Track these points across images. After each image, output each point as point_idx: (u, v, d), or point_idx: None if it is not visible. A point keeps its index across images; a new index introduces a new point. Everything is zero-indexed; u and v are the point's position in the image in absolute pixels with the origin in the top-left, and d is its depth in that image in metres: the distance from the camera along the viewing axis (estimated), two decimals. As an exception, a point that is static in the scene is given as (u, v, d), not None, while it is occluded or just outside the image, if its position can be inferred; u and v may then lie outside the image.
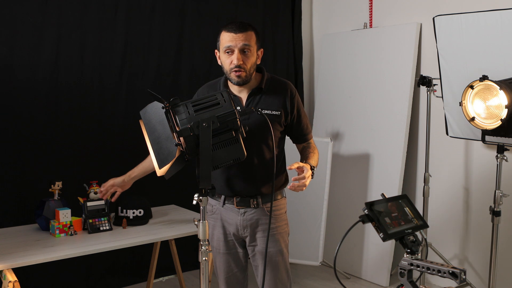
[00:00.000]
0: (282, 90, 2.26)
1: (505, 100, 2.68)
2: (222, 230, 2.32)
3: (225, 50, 2.16)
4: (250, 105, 2.22)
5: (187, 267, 3.93)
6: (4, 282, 2.32)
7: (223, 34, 2.17)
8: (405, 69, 3.91)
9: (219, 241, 2.34)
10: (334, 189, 4.18)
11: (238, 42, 2.13)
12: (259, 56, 2.24)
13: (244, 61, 2.14)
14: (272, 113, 2.21)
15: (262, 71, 2.29)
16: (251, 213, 2.26)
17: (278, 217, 2.31)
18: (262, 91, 2.24)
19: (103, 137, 3.67)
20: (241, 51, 2.14)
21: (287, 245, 2.36)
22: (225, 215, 2.31)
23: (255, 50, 2.19)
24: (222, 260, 2.35)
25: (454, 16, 3.24)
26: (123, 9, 3.71)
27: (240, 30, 2.13)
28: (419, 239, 1.64)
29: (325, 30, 4.71)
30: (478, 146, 3.62)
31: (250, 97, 2.24)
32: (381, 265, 3.95)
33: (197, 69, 4.10)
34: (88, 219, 2.83)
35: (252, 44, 2.16)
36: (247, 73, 2.16)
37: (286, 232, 2.36)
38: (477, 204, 3.69)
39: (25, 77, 3.37)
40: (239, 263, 2.35)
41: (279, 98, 2.24)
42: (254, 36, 2.18)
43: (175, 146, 1.82)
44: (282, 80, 2.32)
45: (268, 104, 2.23)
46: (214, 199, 2.33)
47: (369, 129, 4.10)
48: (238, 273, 2.36)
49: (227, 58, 2.16)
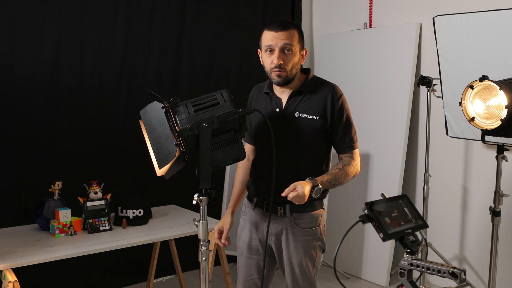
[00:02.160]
0: (324, 94, 2.13)
1: (505, 100, 2.68)
2: (249, 233, 2.25)
3: (266, 49, 2.09)
4: (289, 108, 2.12)
5: (187, 267, 3.93)
6: (4, 282, 2.32)
7: (264, 32, 2.10)
8: (405, 69, 3.91)
9: (244, 243, 2.27)
10: (334, 189, 4.17)
11: (279, 41, 2.04)
12: (304, 56, 2.15)
13: (285, 61, 2.06)
14: (309, 117, 2.10)
15: (307, 73, 2.20)
16: (277, 222, 2.16)
17: (307, 230, 2.16)
18: (304, 93, 2.13)
19: (103, 137, 3.67)
20: (281, 50, 2.05)
21: (314, 258, 2.19)
22: (254, 219, 2.24)
23: (298, 49, 2.10)
24: (244, 263, 2.28)
25: (454, 16, 3.24)
26: (123, 9, 3.71)
27: (281, 29, 2.05)
28: (419, 239, 1.64)
29: (325, 30, 4.71)
30: (478, 146, 3.62)
31: (290, 99, 2.14)
32: (381, 265, 3.95)
33: (197, 69, 4.10)
34: (88, 219, 2.83)
35: (294, 43, 2.07)
36: (287, 73, 2.07)
37: (315, 246, 2.19)
38: (477, 204, 3.69)
39: (25, 77, 3.37)
40: (259, 271, 2.24)
41: (320, 102, 2.12)
42: (296, 35, 2.09)
43: (175, 146, 1.82)
44: (327, 83, 2.20)
45: (306, 107, 2.11)
46: (249, 201, 2.27)
47: (369, 129, 4.10)
48: (257, 280, 2.26)
49: (268, 57, 2.09)
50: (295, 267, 2.17)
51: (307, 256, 2.17)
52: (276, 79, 2.08)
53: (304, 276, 2.18)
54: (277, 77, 2.07)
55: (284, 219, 2.15)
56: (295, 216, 2.15)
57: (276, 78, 2.08)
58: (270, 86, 2.19)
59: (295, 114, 2.11)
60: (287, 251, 2.17)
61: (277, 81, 2.09)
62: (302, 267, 2.17)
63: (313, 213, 2.18)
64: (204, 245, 1.94)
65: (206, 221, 1.94)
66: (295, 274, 2.18)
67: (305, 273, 2.18)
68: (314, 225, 2.18)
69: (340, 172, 2.12)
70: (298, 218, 2.15)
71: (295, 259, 2.17)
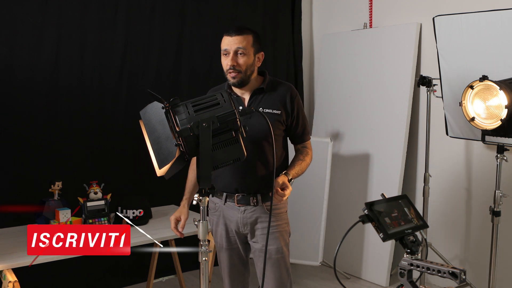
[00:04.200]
0: (283, 91, 2.34)
1: (505, 100, 2.68)
2: (224, 227, 2.40)
3: (223, 52, 2.28)
4: (252, 105, 2.30)
5: (187, 267, 3.93)
6: (4, 282, 2.32)
7: (223, 37, 2.29)
8: (405, 69, 3.91)
9: (222, 237, 2.42)
10: (334, 189, 4.18)
11: (233, 45, 2.24)
12: (260, 59, 2.33)
13: (238, 63, 2.23)
14: (273, 112, 2.29)
15: (264, 74, 2.38)
16: (251, 211, 2.32)
17: (278, 216, 2.35)
18: (264, 92, 2.32)
19: (103, 137, 3.67)
20: (235, 53, 2.24)
21: (288, 244, 2.39)
22: (226, 213, 2.37)
23: (252, 52, 2.26)
24: (225, 255, 2.44)
25: (454, 16, 3.24)
26: (123, 9, 3.71)
27: (235, 33, 2.24)
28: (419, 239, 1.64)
29: (325, 30, 4.71)
30: (478, 146, 3.62)
31: (252, 97, 2.32)
32: (381, 265, 3.95)
33: (197, 69, 4.10)
34: (88, 219, 2.83)
35: (247, 46, 2.24)
36: (242, 75, 2.25)
37: (287, 231, 2.40)
38: (477, 204, 3.69)
39: (25, 77, 3.37)
40: (240, 256, 2.44)
41: (280, 99, 2.32)
42: (250, 39, 2.26)
43: (175, 146, 1.82)
44: (283, 82, 2.41)
45: (269, 103, 2.30)
46: (216, 197, 2.39)
47: (369, 129, 4.10)
48: (240, 265, 2.45)
49: (224, 59, 2.29)
50: (273, 253, 2.33)
51: (282, 242, 2.35)
52: (232, 80, 2.27)
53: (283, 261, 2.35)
54: (232, 78, 2.26)
55: (257, 208, 2.32)
56: (267, 204, 2.31)
57: (231, 79, 2.27)
58: (230, 87, 2.36)
59: (259, 110, 2.26)
60: (262, 238, 2.32)
61: (232, 82, 2.28)
62: (281, 253, 2.34)
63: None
64: (204, 245, 1.94)
65: (206, 221, 1.94)
66: (272, 260, 2.33)
67: (284, 258, 2.35)
68: (283, 211, 2.38)
69: (303, 163, 2.36)
70: (269, 205, 2.30)
71: (273, 246, 2.32)
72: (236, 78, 2.25)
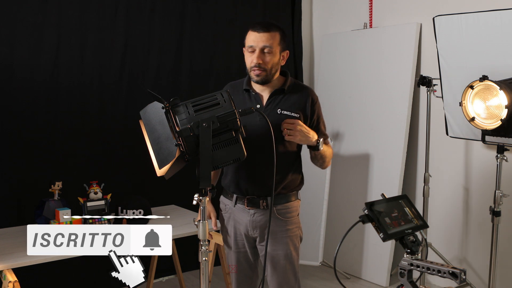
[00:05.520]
0: (304, 95, 2.29)
1: (505, 100, 2.68)
2: (233, 229, 2.36)
3: (247, 49, 2.22)
4: (271, 105, 2.25)
5: (187, 267, 3.93)
6: (4, 282, 2.32)
7: (248, 33, 2.22)
8: (405, 69, 3.91)
9: (230, 238, 2.39)
10: (334, 189, 4.18)
11: (259, 42, 2.17)
12: (285, 57, 2.27)
13: (264, 61, 2.18)
14: (291, 114, 2.23)
15: (286, 75, 2.33)
16: (261, 215, 2.27)
17: (289, 220, 2.30)
18: (284, 93, 2.27)
19: (103, 137, 3.67)
20: (261, 50, 2.17)
21: (297, 248, 2.34)
22: (236, 215, 2.34)
23: (278, 51, 2.21)
24: (233, 256, 2.41)
25: (454, 16, 3.24)
26: (123, 9, 3.71)
27: (263, 30, 2.17)
28: (419, 239, 1.64)
29: (325, 30, 4.71)
30: (478, 146, 3.62)
31: (271, 97, 2.27)
32: (381, 265, 3.95)
33: (197, 69, 4.10)
34: (88, 219, 2.83)
35: (274, 45, 2.18)
36: (267, 73, 2.20)
37: (297, 235, 2.35)
38: (477, 204, 3.69)
39: (25, 77, 3.36)
40: (248, 260, 2.39)
41: (300, 102, 2.27)
42: (278, 37, 2.20)
43: (175, 146, 1.82)
44: (305, 86, 2.37)
45: (288, 105, 2.25)
46: (227, 198, 2.37)
47: (369, 129, 4.10)
48: (248, 269, 2.41)
49: (249, 56, 2.22)
50: (281, 258, 2.28)
51: (292, 246, 2.30)
52: (255, 78, 2.22)
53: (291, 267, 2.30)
54: (256, 76, 2.21)
55: (267, 211, 2.25)
56: (277, 208, 2.27)
57: (255, 76, 2.21)
58: (249, 83, 2.31)
59: (277, 111, 2.23)
60: (272, 242, 2.27)
61: (256, 80, 2.22)
62: (290, 258, 2.29)
63: (292, 203, 2.32)
64: (204, 245, 1.94)
65: (206, 221, 1.94)
66: (280, 265, 2.29)
67: (292, 264, 2.30)
68: (294, 214, 2.32)
69: (328, 151, 2.32)
70: (280, 209, 2.27)
71: (281, 251, 2.29)
72: (260, 76, 2.20)
